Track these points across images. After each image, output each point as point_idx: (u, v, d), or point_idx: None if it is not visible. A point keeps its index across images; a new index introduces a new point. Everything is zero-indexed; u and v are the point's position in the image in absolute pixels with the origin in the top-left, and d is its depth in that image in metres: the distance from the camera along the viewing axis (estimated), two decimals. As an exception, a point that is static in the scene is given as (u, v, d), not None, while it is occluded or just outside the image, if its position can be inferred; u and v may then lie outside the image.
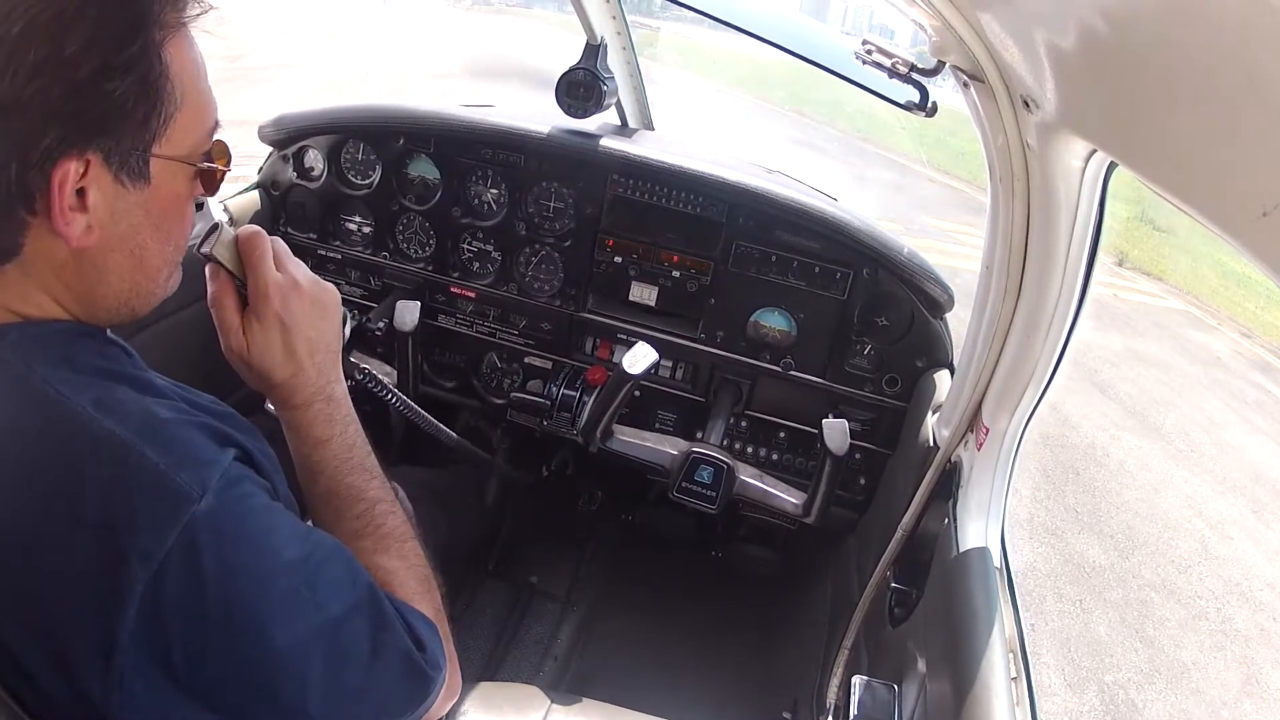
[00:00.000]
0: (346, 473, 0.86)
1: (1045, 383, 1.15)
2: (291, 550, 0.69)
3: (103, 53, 0.62)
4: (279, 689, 0.67)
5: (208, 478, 0.64)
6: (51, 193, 0.63)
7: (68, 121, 0.62)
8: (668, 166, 1.62)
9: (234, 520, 0.65)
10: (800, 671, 1.80)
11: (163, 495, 0.62)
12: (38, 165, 0.62)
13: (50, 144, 0.62)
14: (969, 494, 1.26)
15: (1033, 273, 1.08)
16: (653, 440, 1.57)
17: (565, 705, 1.27)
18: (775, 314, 1.67)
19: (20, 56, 0.60)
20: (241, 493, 0.67)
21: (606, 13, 1.67)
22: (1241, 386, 6.29)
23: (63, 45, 0.60)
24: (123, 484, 0.61)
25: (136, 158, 0.67)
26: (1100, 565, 3.67)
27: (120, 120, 0.65)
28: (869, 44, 1.07)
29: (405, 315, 1.58)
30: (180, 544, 0.61)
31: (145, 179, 0.68)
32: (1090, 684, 3.00)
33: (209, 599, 0.63)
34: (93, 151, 0.64)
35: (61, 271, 0.67)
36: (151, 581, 0.60)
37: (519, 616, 2.08)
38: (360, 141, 1.79)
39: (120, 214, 0.68)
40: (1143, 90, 0.60)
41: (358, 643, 0.71)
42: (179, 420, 0.67)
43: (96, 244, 0.67)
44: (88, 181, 0.64)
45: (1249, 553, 4.05)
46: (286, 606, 0.67)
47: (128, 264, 0.70)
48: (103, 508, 0.61)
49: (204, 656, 0.63)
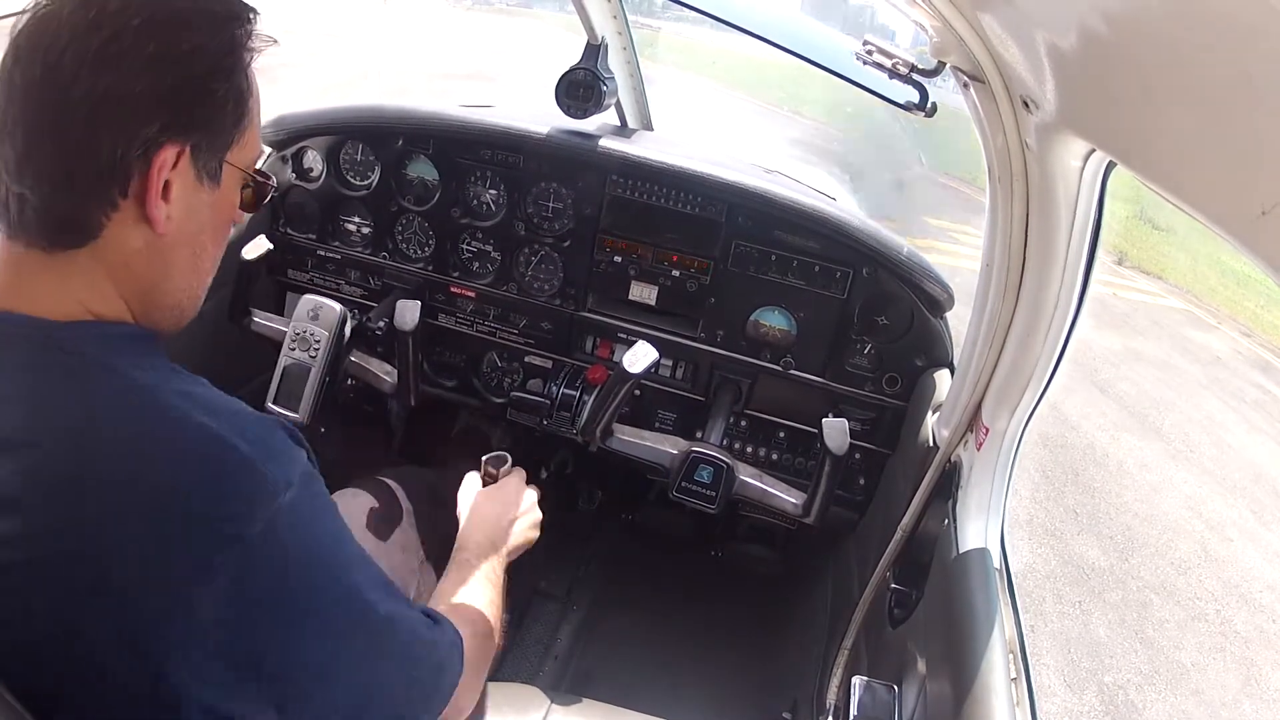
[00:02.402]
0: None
1: (1045, 382, 1.15)
2: (353, 548, 0.76)
3: (210, 57, 0.70)
4: (339, 674, 0.72)
5: (291, 472, 0.69)
6: (150, 176, 0.68)
7: (175, 112, 0.68)
8: (667, 167, 1.62)
9: (311, 513, 0.71)
10: (800, 672, 1.80)
11: (254, 484, 0.66)
12: (142, 149, 0.67)
13: (156, 131, 0.67)
14: (969, 494, 1.26)
15: (1032, 272, 1.08)
16: (652, 439, 1.57)
17: (565, 705, 1.27)
18: (775, 313, 1.67)
19: (140, 47, 0.66)
20: (317, 489, 0.72)
21: (607, 12, 1.67)
22: (1241, 386, 6.29)
23: (178, 42, 0.68)
24: (217, 472, 0.65)
25: (216, 160, 0.74)
26: (1100, 566, 3.67)
27: (216, 120, 0.72)
28: (870, 44, 1.07)
29: (406, 315, 1.58)
30: (266, 530, 0.65)
31: (217, 182, 0.75)
32: (1090, 685, 3.00)
33: (289, 584, 0.67)
34: (189, 143, 0.70)
35: (132, 261, 0.71)
36: (238, 564, 0.64)
37: (519, 616, 2.08)
38: (359, 142, 1.79)
39: (192, 211, 0.73)
40: (1142, 90, 0.60)
41: (399, 634, 0.78)
42: (260, 418, 0.71)
43: (169, 236, 0.72)
44: (175, 174, 0.70)
45: (1248, 554, 4.05)
46: (352, 598, 0.73)
47: (188, 263, 0.76)
48: (197, 493, 0.64)
49: (277, 640, 0.67)
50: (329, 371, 1.59)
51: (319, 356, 1.58)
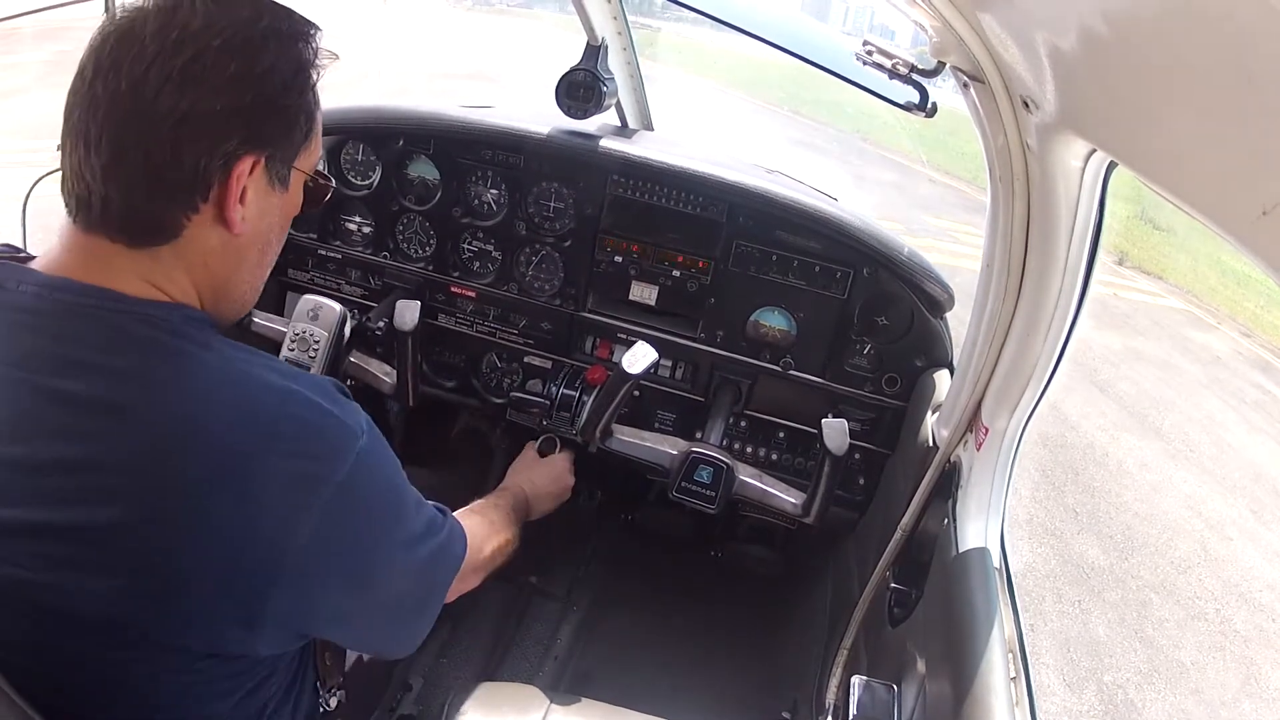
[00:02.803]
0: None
1: (1045, 382, 1.15)
2: (403, 475, 0.86)
3: (284, 75, 0.75)
4: (399, 578, 0.85)
5: (361, 421, 0.78)
6: (230, 184, 0.74)
7: (251, 126, 0.74)
8: (667, 167, 1.62)
9: (380, 454, 0.80)
10: (800, 671, 1.80)
11: (340, 432, 0.75)
12: (223, 160, 0.73)
13: (235, 144, 0.73)
14: (968, 494, 1.26)
15: (1033, 272, 1.08)
16: (652, 440, 1.57)
17: (565, 705, 1.28)
18: (775, 313, 1.67)
19: (221, 68, 0.71)
20: (378, 435, 0.81)
21: (607, 13, 1.67)
22: (1241, 386, 6.29)
23: (256, 62, 0.73)
24: (313, 425, 0.74)
25: (286, 167, 0.80)
26: (1099, 566, 3.67)
27: (288, 132, 0.78)
28: (869, 45, 1.07)
29: (405, 315, 1.58)
30: (352, 469, 0.74)
31: (286, 186, 0.81)
32: (1089, 684, 3.00)
33: (367, 511, 0.79)
34: (264, 155, 0.76)
35: (209, 258, 0.77)
36: (330, 499, 0.73)
37: (519, 616, 2.08)
38: (360, 142, 1.79)
39: (265, 213, 0.80)
40: (1143, 90, 0.60)
41: (435, 544, 0.91)
42: (321, 378, 0.80)
43: (244, 236, 0.78)
44: (251, 180, 0.76)
45: (1248, 553, 4.05)
46: (409, 517, 0.86)
47: (256, 259, 0.83)
48: (298, 442, 0.73)
49: (355, 558, 0.78)
50: (328, 372, 1.59)
51: (318, 357, 1.58)
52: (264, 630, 0.74)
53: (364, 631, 0.89)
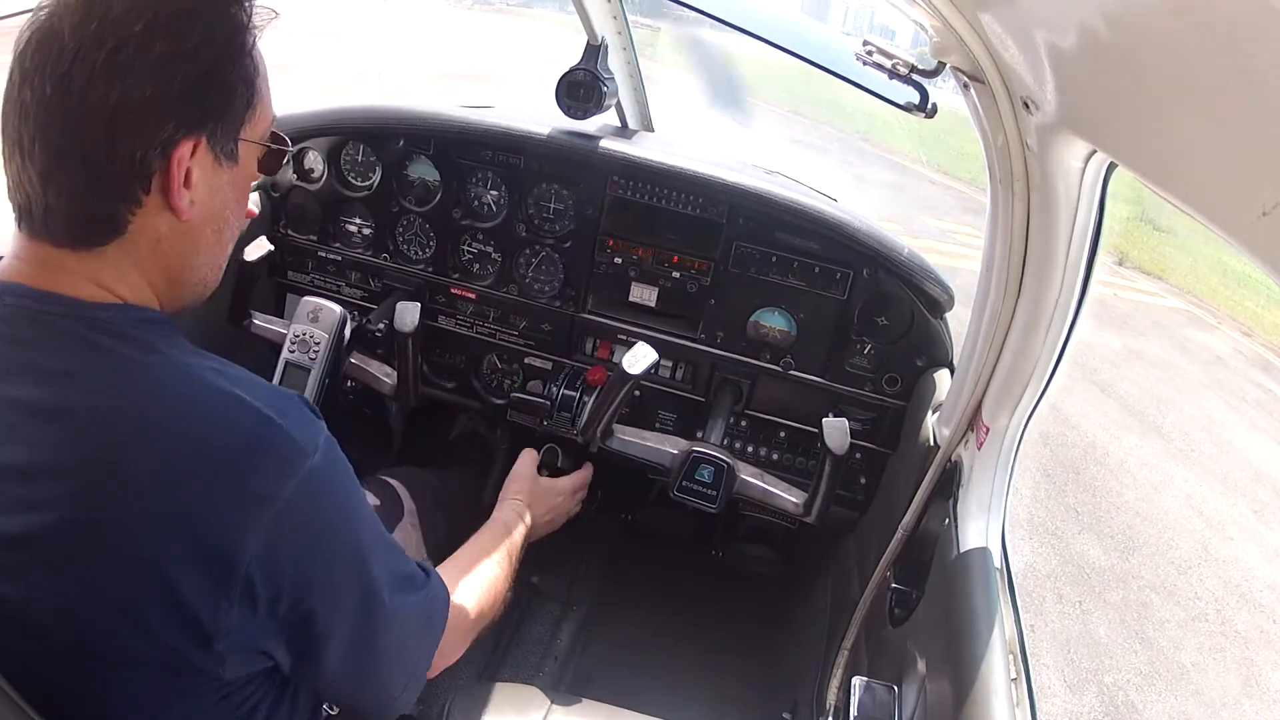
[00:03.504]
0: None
1: (1045, 382, 1.15)
2: (367, 509, 0.83)
3: (216, 47, 0.71)
4: (364, 617, 0.80)
5: (316, 437, 0.74)
6: (171, 171, 0.71)
7: (189, 107, 0.71)
8: (668, 168, 1.62)
9: (336, 474, 0.77)
10: (800, 671, 1.80)
11: (287, 449, 0.71)
12: (160, 148, 0.69)
13: (173, 129, 0.70)
14: (969, 493, 1.26)
15: (1033, 273, 1.08)
16: (653, 440, 1.57)
17: (565, 705, 1.28)
18: (775, 314, 1.67)
19: (146, 52, 0.67)
20: (337, 454, 0.77)
21: (607, 13, 1.67)
22: (1242, 385, 6.29)
23: (183, 41, 0.69)
24: (257, 438, 0.71)
25: (232, 140, 0.76)
26: (1100, 566, 3.67)
27: (228, 107, 0.74)
28: (870, 45, 1.07)
29: (405, 316, 1.58)
30: (299, 489, 0.71)
31: (235, 159, 0.77)
32: (1090, 685, 3.00)
33: (318, 535, 0.74)
34: (204, 134, 0.72)
35: (159, 247, 0.74)
36: (274, 520, 0.69)
37: (519, 616, 2.08)
38: (360, 143, 1.79)
39: (215, 191, 0.76)
40: (1143, 90, 0.60)
41: (410, 601, 0.87)
42: (282, 390, 0.77)
43: (195, 219, 0.75)
44: (195, 161, 0.72)
45: (1249, 553, 4.05)
46: (372, 550, 0.81)
47: (213, 238, 0.79)
48: (241, 456, 0.70)
49: (307, 585, 0.74)
50: (329, 373, 1.59)
51: (319, 358, 1.58)
52: (221, 650, 0.70)
53: (329, 670, 0.81)
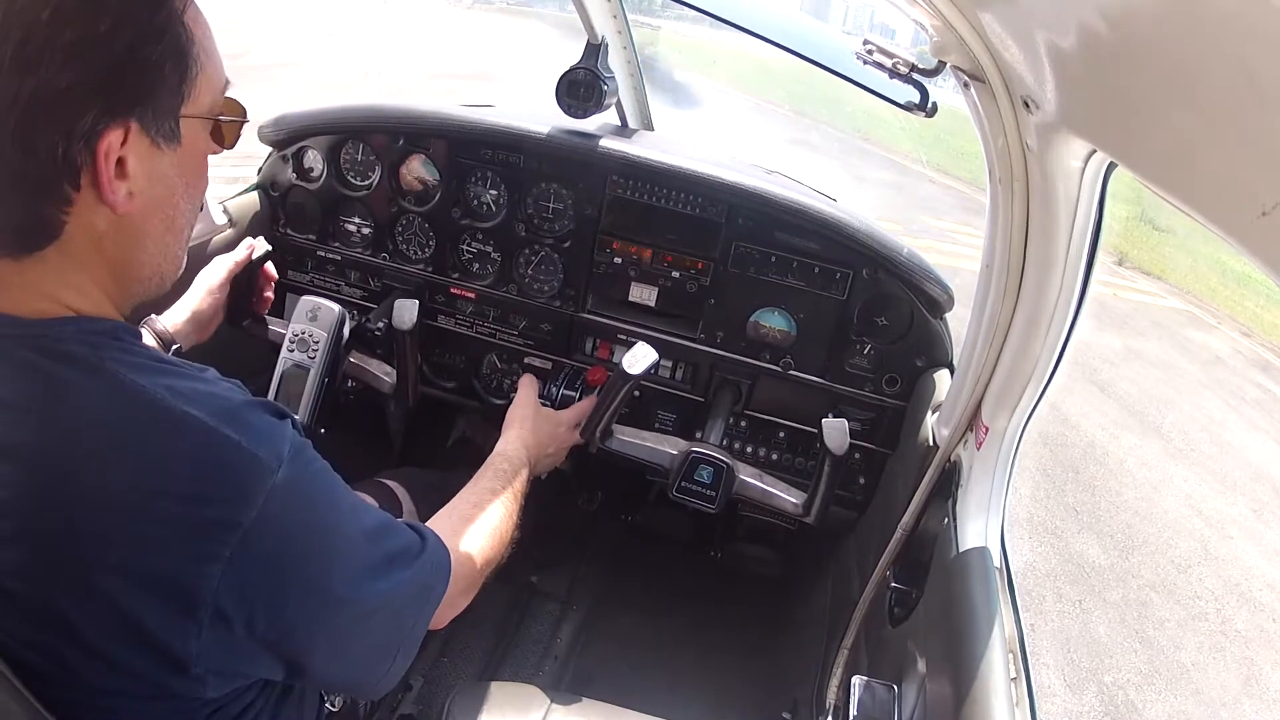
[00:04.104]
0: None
1: (1045, 382, 1.15)
2: (346, 503, 0.78)
3: (135, 24, 0.65)
4: (349, 620, 0.77)
5: (280, 450, 0.70)
6: (98, 164, 0.65)
7: (110, 94, 0.65)
8: (667, 167, 1.62)
9: (305, 485, 0.72)
10: (800, 671, 1.80)
11: (248, 469, 0.67)
12: (83, 140, 0.64)
13: (94, 118, 0.64)
14: (969, 493, 1.26)
15: (1032, 273, 1.08)
16: (652, 440, 1.57)
17: (565, 705, 1.28)
18: (775, 314, 1.67)
19: (55, 40, 0.61)
20: (307, 458, 0.74)
21: (607, 12, 1.67)
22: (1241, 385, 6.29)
23: (95, 23, 0.63)
24: (211, 461, 0.66)
25: (169, 120, 0.70)
26: (1100, 565, 3.67)
27: (157, 87, 0.68)
28: (870, 44, 1.07)
29: (403, 314, 1.57)
30: (264, 510, 0.67)
31: (177, 140, 0.72)
32: (1090, 684, 3.00)
33: (288, 554, 0.70)
34: (133, 119, 0.67)
35: (101, 245, 0.70)
36: (239, 545, 0.66)
37: (519, 616, 2.08)
38: (360, 142, 1.79)
39: (156, 176, 0.71)
40: (1143, 90, 0.60)
41: (400, 580, 0.82)
42: (244, 402, 0.72)
43: (137, 209, 0.70)
44: (127, 149, 0.67)
45: (1249, 552, 4.05)
46: (350, 554, 0.76)
47: (162, 227, 0.74)
48: (194, 482, 0.66)
49: (282, 606, 0.70)
50: (328, 373, 1.59)
51: (318, 358, 1.57)
52: (200, 673, 0.69)
53: (320, 674, 0.80)
